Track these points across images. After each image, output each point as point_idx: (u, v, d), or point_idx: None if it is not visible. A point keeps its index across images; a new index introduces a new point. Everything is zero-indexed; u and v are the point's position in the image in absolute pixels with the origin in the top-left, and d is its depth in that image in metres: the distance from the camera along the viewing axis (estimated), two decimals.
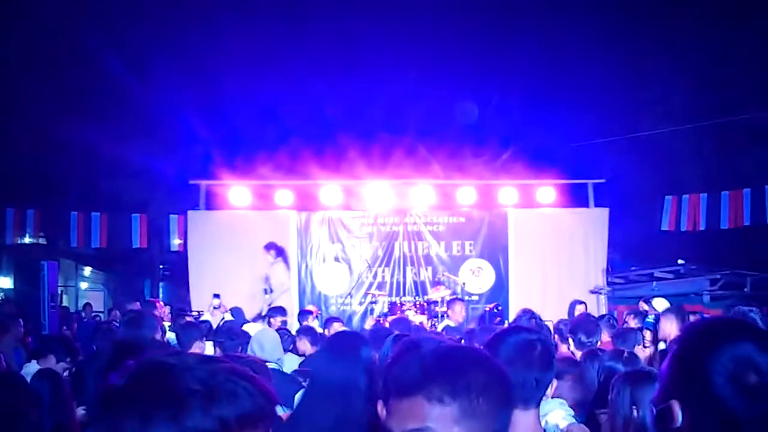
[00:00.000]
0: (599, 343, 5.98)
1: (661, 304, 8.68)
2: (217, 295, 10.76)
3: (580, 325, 6.13)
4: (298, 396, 4.80)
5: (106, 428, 1.17)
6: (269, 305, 11.13)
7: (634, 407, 3.28)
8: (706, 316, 9.23)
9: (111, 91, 15.28)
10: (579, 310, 10.42)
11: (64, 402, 3.09)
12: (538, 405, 2.48)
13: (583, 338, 5.84)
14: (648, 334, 6.84)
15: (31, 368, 5.25)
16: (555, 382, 2.62)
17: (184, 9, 15.00)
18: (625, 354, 4.60)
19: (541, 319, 8.58)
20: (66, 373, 5.48)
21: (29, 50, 15.14)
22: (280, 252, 11.91)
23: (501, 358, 2.38)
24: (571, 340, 5.97)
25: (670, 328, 6.59)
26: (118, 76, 14.78)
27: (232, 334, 6.11)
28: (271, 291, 11.76)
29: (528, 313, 7.71)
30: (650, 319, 6.88)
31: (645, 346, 6.62)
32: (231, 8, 14.83)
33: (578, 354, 5.52)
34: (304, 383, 4.91)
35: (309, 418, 3.21)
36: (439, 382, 1.32)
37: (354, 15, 13.90)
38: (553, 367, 2.52)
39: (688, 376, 1.55)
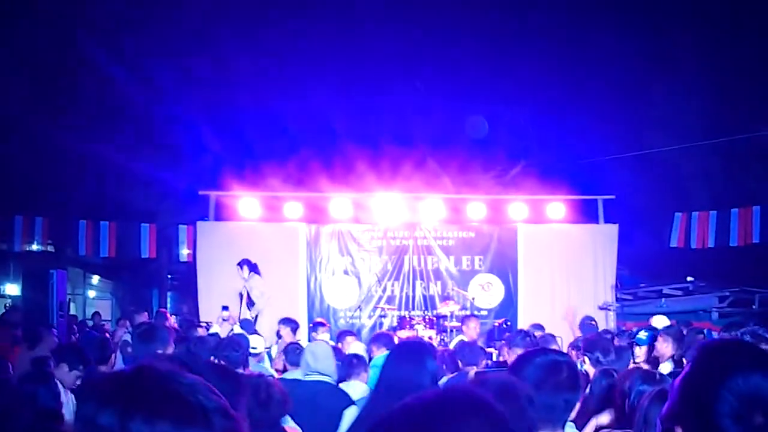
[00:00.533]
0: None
1: (660, 321, 8.67)
2: (225, 307, 10.76)
3: (596, 343, 6.11)
4: (348, 412, 4.82)
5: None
6: (257, 315, 11.39)
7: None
8: (713, 333, 9.22)
9: (121, 102, 15.28)
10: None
11: (56, 404, 3.05)
12: (563, 426, 2.46)
13: (601, 357, 5.84)
14: (639, 350, 6.82)
15: None
16: (578, 404, 2.60)
17: (193, 21, 15.03)
18: (657, 376, 4.58)
19: (551, 335, 8.59)
20: (78, 381, 5.47)
21: (38, 60, 15.15)
22: (253, 267, 11.84)
23: (528, 380, 2.37)
24: (587, 359, 5.95)
25: (665, 349, 6.58)
26: (128, 86, 14.80)
27: (235, 345, 6.10)
28: (253, 303, 11.73)
29: (522, 333, 7.67)
30: (642, 335, 6.87)
31: (635, 362, 6.60)
32: (240, 20, 14.85)
33: (591, 372, 5.52)
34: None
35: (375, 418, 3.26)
36: None
37: (364, 27, 13.92)
38: (580, 387, 2.51)
39: (694, 403, 1.52)
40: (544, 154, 15.56)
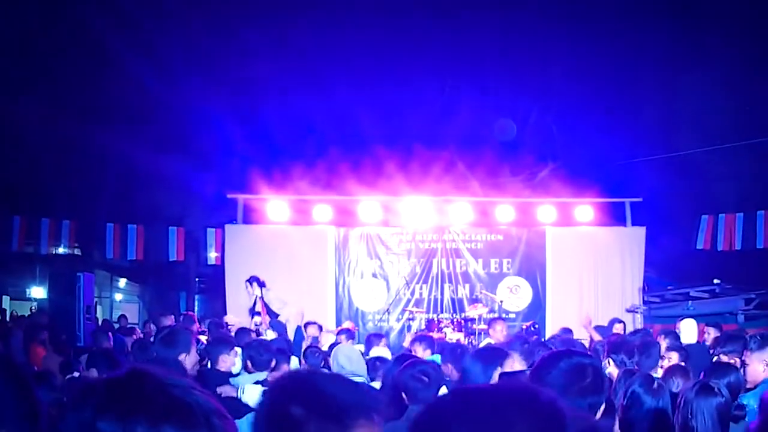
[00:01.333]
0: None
1: (688, 326, 8.69)
2: (257, 313, 10.74)
3: (621, 345, 6.09)
4: None
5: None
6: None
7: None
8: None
9: (149, 105, 15.35)
10: (617, 329, 10.38)
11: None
12: None
13: (626, 359, 5.83)
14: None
15: None
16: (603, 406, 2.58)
17: (221, 23, 15.08)
18: (656, 384, 4.67)
19: (541, 341, 8.55)
20: None
21: (67, 64, 15.24)
22: (261, 283, 11.58)
23: (552, 384, 2.36)
24: (611, 361, 5.94)
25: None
26: (156, 89, 14.85)
27: (261, 349, 6.08)
28: (277, 315, 11.54)
29: (521, 339, 7.56)
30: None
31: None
32: (268, 22, 14.89)
33: (616, 374, 5.49)
34: None
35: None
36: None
37: (393, 29, 13.94)
38: (604, 390, 2.50)
39: None
40: (572, 157, 15.53)
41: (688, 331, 9.30)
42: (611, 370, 5.70)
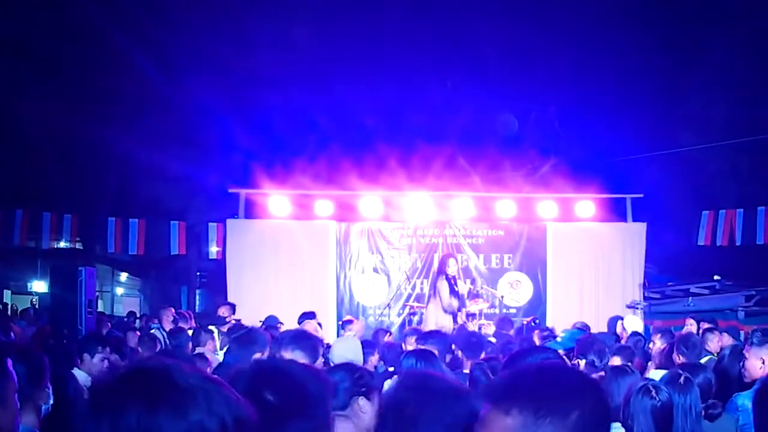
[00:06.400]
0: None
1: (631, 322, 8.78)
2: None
3: (590, 346, 6.05)
4: None
5: (110, 417, 1.18)
6: None
7: None
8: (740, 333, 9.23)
9: (151, 99, 15.36)
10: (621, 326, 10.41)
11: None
12: None
13: (596, 360, 5.83)
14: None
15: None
16: None
17: (222, 17, 15.09)
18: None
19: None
20: (105, 363, 5.50)
21: (66, 57, 15.24)
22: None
23: None
24: (581, 362, 5.94)
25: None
26: (157, 82, 14.85)
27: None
28: None
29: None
30: None
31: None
32: (269, 17, 14.89)
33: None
34: None
35: None
36: (510, 396, 1.34)
37: (395, 23, 13.94)
38: None
39: None
40: (574, 153, 15.55)
41: (633, 326, 9.46)
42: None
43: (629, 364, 5.55)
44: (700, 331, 9.20)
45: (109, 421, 1.17)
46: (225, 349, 7.49)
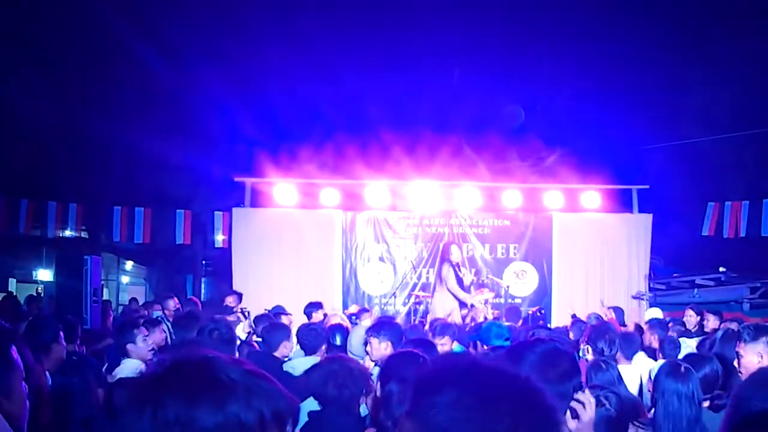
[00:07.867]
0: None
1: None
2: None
3: (602, 333, 5.99)
4: None
5: (151, 408, 1.20)
6: None
7: None
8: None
9: (155, 88, 15.32)
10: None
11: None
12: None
13: (605, 348, 5.79)
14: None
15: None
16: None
17: (226, 7, 15.01)
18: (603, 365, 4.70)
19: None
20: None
21: (71, 47, 15.21)
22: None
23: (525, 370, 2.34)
24: (590, 348, 5.90)
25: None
26: (162, 72, 14.81)
27: (311, 335, 6.16)
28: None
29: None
30: None
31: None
32: (274, 5, 14.82)
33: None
34: None
35: None
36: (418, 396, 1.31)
37: (401, 12, 13.85)
38: (578, 374, 2.49)
39: None
40: (580, 143, 15.51)
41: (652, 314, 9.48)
42: (590, 357, 5.70)
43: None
44: (705, 321, 9.23)
45: (149, 413, 1.20)
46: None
